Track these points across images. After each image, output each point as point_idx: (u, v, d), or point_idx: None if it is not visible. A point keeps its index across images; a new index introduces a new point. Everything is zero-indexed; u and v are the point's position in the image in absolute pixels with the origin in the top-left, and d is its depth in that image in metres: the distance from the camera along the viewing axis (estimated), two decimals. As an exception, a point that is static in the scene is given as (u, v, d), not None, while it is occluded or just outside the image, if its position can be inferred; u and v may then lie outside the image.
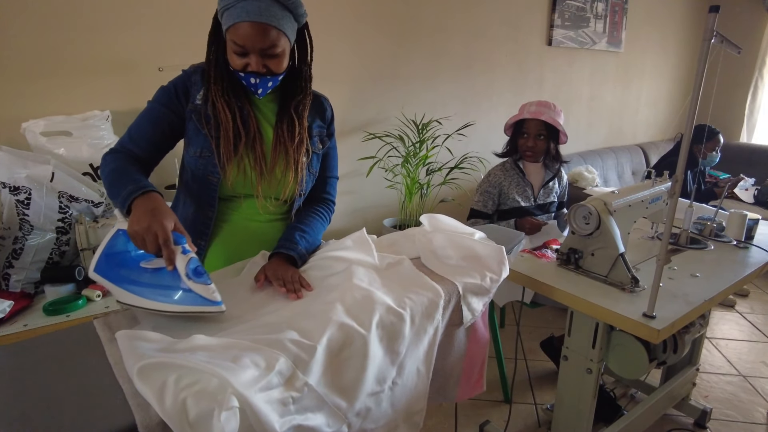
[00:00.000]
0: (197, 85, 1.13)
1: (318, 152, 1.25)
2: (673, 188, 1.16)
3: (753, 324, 2.78)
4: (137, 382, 0.69)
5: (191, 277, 0.87)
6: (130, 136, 1.13)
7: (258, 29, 1.00)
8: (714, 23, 1.05)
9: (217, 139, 1.11)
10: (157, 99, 1.14)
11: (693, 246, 1.70)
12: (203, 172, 1.14)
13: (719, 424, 1.95)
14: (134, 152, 1.11)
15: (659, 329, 1.16)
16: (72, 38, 1.86)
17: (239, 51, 1.04)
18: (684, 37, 4.56)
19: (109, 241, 0.93)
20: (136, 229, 0.87)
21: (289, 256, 1.11)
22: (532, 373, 2.28)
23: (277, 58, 1.07)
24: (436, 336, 0.99)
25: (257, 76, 1.07)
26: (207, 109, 1.11)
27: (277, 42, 1.04)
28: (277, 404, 0.71)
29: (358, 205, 2.89)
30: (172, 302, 0.87)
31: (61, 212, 1.62)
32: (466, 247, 1.16)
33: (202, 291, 0.87)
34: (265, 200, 1.19)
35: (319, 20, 2.46)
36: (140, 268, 0.91)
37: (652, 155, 4.12)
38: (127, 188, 0.95)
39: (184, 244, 0.90)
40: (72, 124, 1.77)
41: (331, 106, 1.31)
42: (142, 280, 0.89)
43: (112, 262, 0.92)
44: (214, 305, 0.87)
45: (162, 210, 0.90)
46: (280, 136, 1.17)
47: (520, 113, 2.16)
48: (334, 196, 1.35)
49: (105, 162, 1.08)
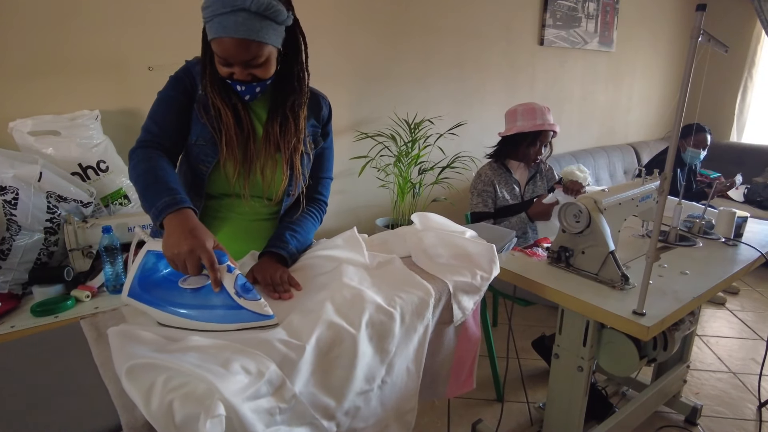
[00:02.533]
0: (200, 76, 1.13)
1: (309, 153, 1.23)
2: (662, 186, 1.17)
3: (743, 321, 2.80)
4: (125, 382, 0.69)
5: (241, 295, 0.86)
6: (158, 126, 1.11)
7: (238, 44, 0.99)
8: (701, 22, 1.06)
9: (219, 133, 1.11)
10: (171, 87, 1.14)
11: (682, 243, 1.71)
12: (195, 160, 1.15)
13: (710, 420, 1.97)
14: (163, 143, 1.10)
15: (649, 326, 1.16)
16: (60, 37, 1.84)
17: (223, 63, 1.04)
18: (675, 36, 4.59)
19: (141, 263, 0.91)
20: (177, 252, 0.85)
21: (280, 256, 1.10)
22: (525, 371, 2.28)
23: (262, 67, 1.06)
24: (426, 335, 0.99)
25: (243, 83, 1.06)
26: (207, 101, 1.12)
27: (259, 53, 1.03)
28: (264, 414, 0.71)
29: (350, 204, 2.88)
30: (228, 321, 0.85)
31: (50, 212, 1.61)
32: (457, 245, 1.16)
33: (254, 307, 0.86)
34: (254, 200, 1.18)
35: (311, 20, 2.44)
36: (179, 288, 0.89)
37: (643, 154, 4.15)
38: (162, 199, 0.93)
39: (227, 262, 0.88)
40: (60, 123, 1.76)
41: (328, 105, 1.30)
42: (185, 302, 0.87)
43: (146, 285, 0.90)
44: (267, 319, 0.86)
45: (200, 230, 0.89)
46: (269, 134, 1.16)
47: (529, 118, 2.09)
48: (327, 197, 1.34)
49: (137, 157, 1.06)
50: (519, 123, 2.11)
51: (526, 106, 2.12)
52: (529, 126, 2.08)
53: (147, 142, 1.10)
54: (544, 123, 2.08)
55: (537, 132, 2.10)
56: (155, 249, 0.90)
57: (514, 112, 2.14)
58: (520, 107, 2.13)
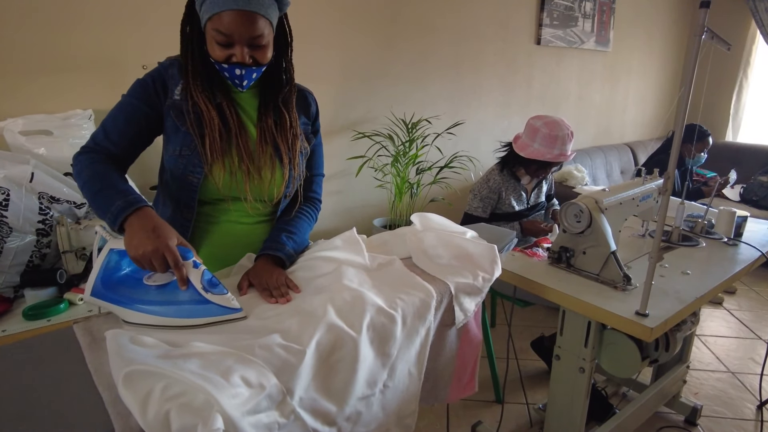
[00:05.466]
0: (175, 78, 1.06)
1: (304, 152, 1.20)
2: (665, 185, 1.16)
3: (740, 321, 2.80)
4: (121, 389, 0.66)
5: (208, 290, 0.86)
6: (105, 132, 1.05)
7: (246, 18, 0.95)
8: (705, 19, 1.05)
9: (202, 137, 1.05)
10: (134, 93, 1.07)
11: (685, 243, 1.71)
12: (182, 172, 1.07)
13: (709, 420, 1.96)
14: (110, 150, 1.04)
15: (652, 327, 1.15)
16: (53, 35, 1.81)
17: (224, 41, 0.98)
18: (670, 36, 4.60)
19: (104, 262, 0.89)
20: (141, 252, 0.83)
21: (277, 258, 1.07)
22: (524, 372, 2.27)
23: (262, 49, 1.01)
24: (428, 337, 0.97)
25: (242, 67, 1.00)
26: (187, 104, 1.04)
27: (265, 31, 0.99)
28: (264, 429, 0.69)
29: (348, 204, 2.86)
30: (195, 316, 0.86)
31: (42, 214, 1.58)
32: (458, 246, 1.14)
33: (221, 301, 0.87)
34: (256, 202, 1.14)
35: (308, 20, 2.43)
36: (144, 285, 0.89)
37: (640, 154, 4.15)
38: (115, 203, 0.90)
39: (191, 258, 0.88)
40: (53, 123, 1.73)
41: (315, 101, 1.25)
42: (151, 298, 0.87)
43: (110, 283, 0.89)
44: (234, 312, 0.88)
45: (163, 228, 0.87)
46: (265, 131, 1.11)
47: (548, 145, 2.01)
48: (321, 194, 1.31)
49: (80, 164, 1.01)
50: (536, 146, 2.04)
51: (550, 130, 2.01)
52: (546, 154, 2.02)
53: (89, 148, 1.04)
54: (560, 154, 2.02)
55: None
56: (117, 247, 0.89)
57: (536, 131, 2.04)
58: (544, 128, 2.02)
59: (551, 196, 2.40)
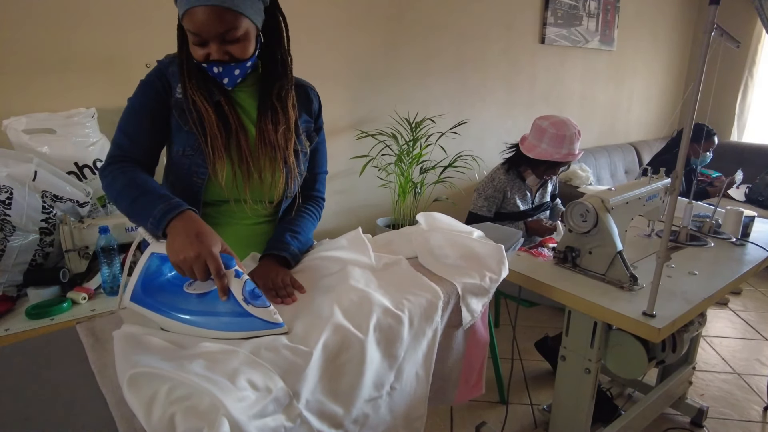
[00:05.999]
0: (175, 76, 1.05)
1: (306, 150, 1.17)
2: (673, 184, 1.15)
3: (746, 321, 2.78)
4: (127, 391, 0.65)
5: (250, 302, 0.81)
6: (129, 138, 1.03)
7: (212, 13, 0.91)
8: (714, 16, 1.04)
9: (205, 137, 1.03)
10: (142, 93, 1.05)
11: (693, 243, 1.69)
12: (187, 173, 1.06)
13: (715, 422, 1.94)
14: (138, 156, 1.02)
15: (660, 328, 1.14)
16: (56, 34, 1.81)
17: (197, 40, 0.95)
18: (675, 36, 4.58)
19: (144, 266, 0.86)
20: (183, 258, 0.80)
21: (282, 257, 1.06)
22: (528, 373, 2.26)
23: (239, 43, 0.97)
24: (435, 338, 0.96)
25: (220, 64, 0.98)
26: (188, 103, 1.03)
27: (236, 24, 0.94)
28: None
29: (351, 204, 2.85)
30: (235, 329, 0.81)
31: (45, 212, 1.57)
32: (465, 246, 1.13)
33: (263, 314, 0.81)
34: (255, 204, 1.12)
35: (313, 19, 2.42)
36: (185, 293, 0.85)
37: (644, 154, 4.13)
38: (157, 207, 0.87)
39: (234, 266, 0.83)
40: (56, 121, 1.72)
41: (318, 97, 1.22)
42: (191, 308, 0.83)
43: (150, 289, 0.85)
44: (277, 327, 0.82)
45: (207, 234, 0.83)
46: (264, 132, 1.07)
47: (556, 145, 1.99)
48: (324, 192, 1.29)
49: (110, 174, 0.98)
50: (544, 146, 2.02)
51: (558, 129, 1.99)
52: (554, 154, 2.00)
53: (118, 157, 1.01)
54: (569, 153, 2.00)
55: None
56: (159, 252, 0.85)
57: (543, 131, 2.02)
58: (552, 128, 2.00)
59: (555, 196, 2.40)
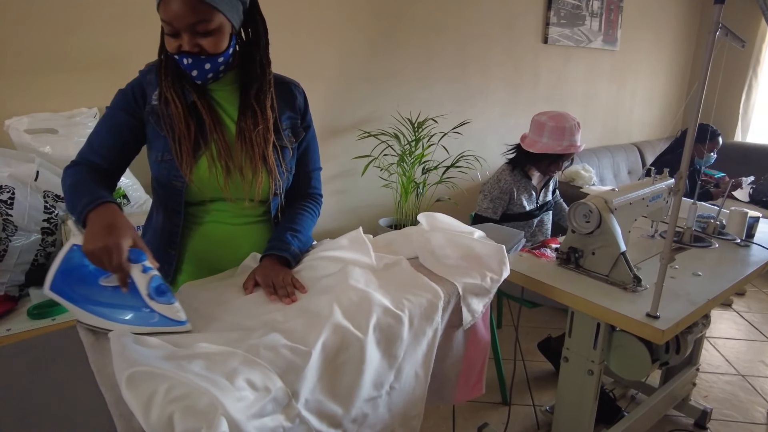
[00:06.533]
0: (152, 84, 1.06)
1: (290, 146, 1.15)
2: (677, 185, 1.14)
3: (750, 323, 2.77)
4: (125, 390, 0.65)
5: (153, 297, 0.82)
6: (91, 145, 1.06)
7: (185, 4, 0.91)
8: (719, 15, 1.03)
9: (173, 136, 1.03)
10: (116, 104, 1.07)
11: (697, 244, 1.68)
12: (167, 177, 1.06)
13: (719, 424, 1.93)
14: (96, 163, 1.05)
15: (664, 329, 1.13)
16: (58, 33, 1.81)
17: (170, 31, 0.95)
18: (679, 36, 4.56)
19: (65, 257, 0.86)
20: (92, 248, 0.80)
21: (282, 258, 1.06)
22: (530, 374, 2.25)
23: (211, 36, 0.96)
24: (435, 338, 0.96)
25: (189, 56, 0.96)
26: (160, 103, 1.03)
27: (209, 17, 0.94)
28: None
29: (353, 204, 2.85)
30: (134, 323, 0.82)
31: (47, 212, 1.57)
32: (466, 246, 1.12)
33: (166, 311, 0.82)
34: (238, 202, 1.11)
35: (314, 18, 2.42)
36: (99, 285, 0.85)
37: (647, 154, 4.12)
38: (82, 201, 0.89)
39: (144, 261, 0.83)
40: (58, 121, 1.72)
41: (302, 93, 1.20)
42: (102, 299, 0.84)
43: (69, 279, 0.85)
44: (178, 325, 0.83)
45: (118, 225, 0.84)
46: (243, 130, 1.07)
47: (557, 138, 1.98)
48: (320, 188, 1.28)
49: (65, 176, 1.02)
50: (544, 140, 2.00)
51: (557, 122, 1.99)
52: (555, 147, 1.98)
53: (75, 162, 1.06)
54: (570, 145, 1.99)
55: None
56: (80, 243, 0.85)
57: (542, 125, 2.01)
58: (550, 122, 1.99)
59: (554, 191, 2.36)
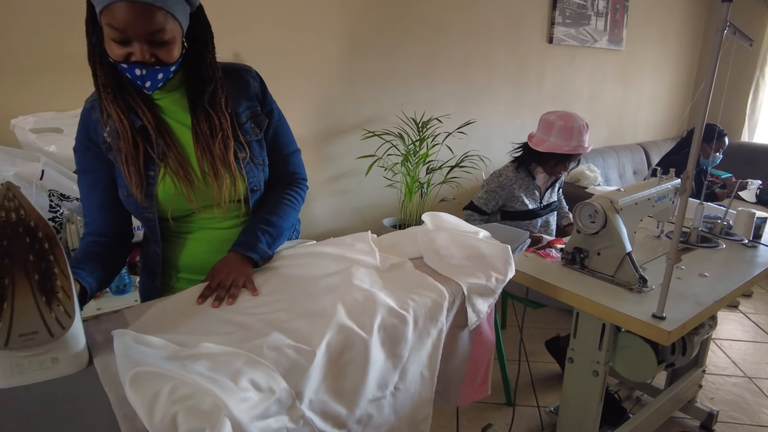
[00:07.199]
0: (99, 122, 0.98)
1: (255, 138, 1.08)
2: (683, 185, 1.13)
3: (757, 324, 2.75)
4: (128, 390, 0.65)
5: None
6: (85, 215, 1.04)
7: (140, 10, 0.82)
8: (727, 13, 1.02)
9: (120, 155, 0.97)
10: (79, 164, 1.03)
11: (704, 245, 1.67)
12: (136, 211, 1.04)
13: (726, 426, 1.92)
14: (101, 230, 1.04)
15: (670, 331, 1.12)
16: (63, 32, 1.81)
17: (119, 38, 0.85)
18: (685, 36, 4.53)
19: None
20: None
21: (248, 257, 1.01)
22: (534, 374, 2.24)
23: (166, 46, 0.88)
24: (440, 339, 0.95)
25: (143, 66, 0.87)
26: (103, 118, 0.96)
27: (166, 26, 0.86)
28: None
29: (357, 204, 2.85)
30: None
31: (52, 211, 1.58)
32: (471, 246, 1.12)
33: None
34: (212, 209, 1.07)
35: (317, 19, 2.42)
36: None
37: (653, 154, 4.10)
38: None
39: None
40: (63, 120, 1.73)
41: (257, 78, 1.11)
42: None
43: None
44: None
45: None
46: (200, 136, 1.01)
47: (565, 137, 1.96)
48: (302, 171, 1.21)
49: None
50: (552, 139, 1.98)
51: (566, 122, 1.96)
52: (563, 146, 1.96)
53: (85, 234, 1.05)
54: (578, 145, 1.96)
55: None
56: None
57: (551, 124, 1.99)
58: (559, 121, 1.97)
59: (559, 190, 2.35)
